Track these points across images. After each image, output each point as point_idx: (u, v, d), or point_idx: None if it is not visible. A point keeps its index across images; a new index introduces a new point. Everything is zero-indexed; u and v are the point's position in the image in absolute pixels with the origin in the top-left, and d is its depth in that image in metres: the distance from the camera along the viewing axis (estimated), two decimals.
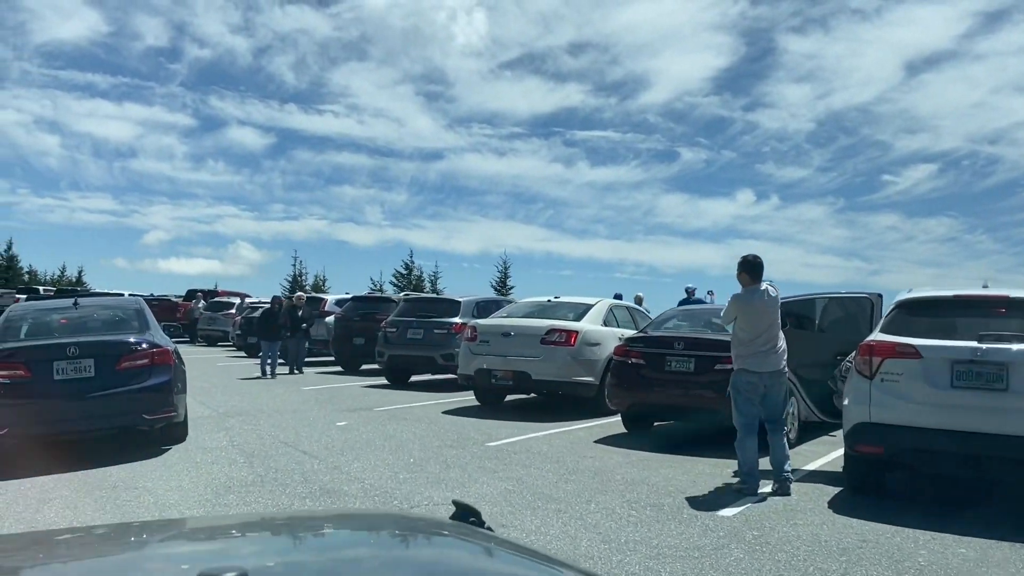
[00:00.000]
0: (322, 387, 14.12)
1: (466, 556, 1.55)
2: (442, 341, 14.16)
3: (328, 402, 12.03)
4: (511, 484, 6.71)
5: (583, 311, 11.44)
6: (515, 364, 10.79)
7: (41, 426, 7.50)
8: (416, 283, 41.53)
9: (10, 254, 59.29)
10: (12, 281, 53.82)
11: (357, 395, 13.05)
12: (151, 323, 8.67)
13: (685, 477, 7.19)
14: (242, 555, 1.57)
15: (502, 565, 1.51)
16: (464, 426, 9.85)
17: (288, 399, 12.27)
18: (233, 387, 13.94)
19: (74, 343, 7.66)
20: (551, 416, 10.75)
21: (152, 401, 7.78)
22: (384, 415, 10.74)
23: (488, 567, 1.49)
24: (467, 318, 14.39)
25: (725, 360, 8.45)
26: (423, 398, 12.79)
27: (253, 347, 22.74)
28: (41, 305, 9.97)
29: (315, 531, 1.83)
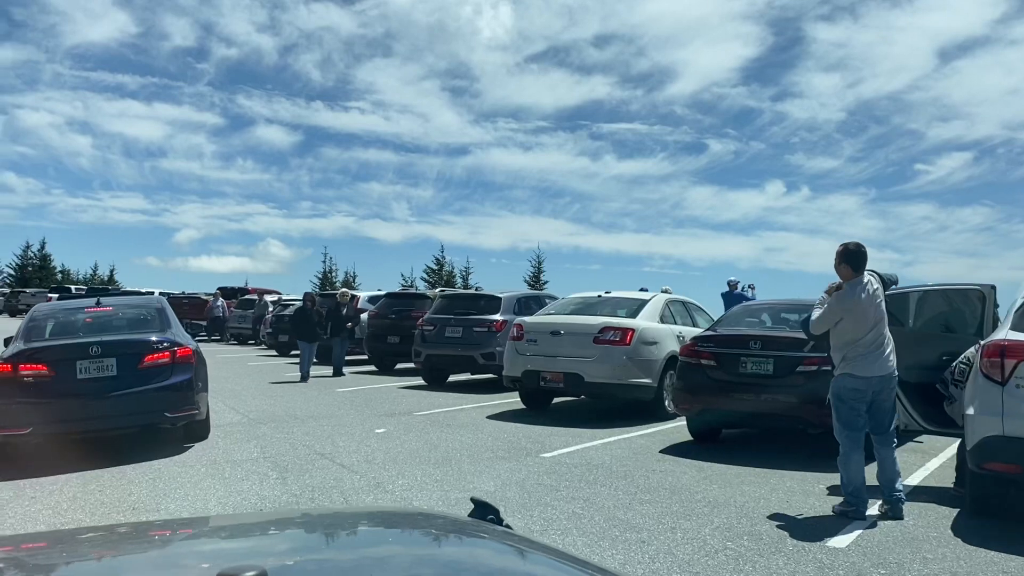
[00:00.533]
0: (357, 389, 13.40)
1: (484, 553, 1.54)
2: (482, 340, 13.37)
3: (364, 406, 11.29)
4: (579, 506, 5.88)
5: (638, 307, 10.56)
6: (566, 365, 9.95)
7: (64, 425, 7.49)
8: (447, 279, 40.87)
9: (43, 253, 59.84)
10: (46, 280, 54.17)
11: (394, 397, 12.30)
12: (172, 322, 8.65)
13: (774, 496, 6.31)
14: (261, 554, 1.56)
15: (522, 563, 1.50)
16: (513, 433, 9.03)
17: (322, 403, 11.56)
18: (264, 389, 13.27)
19: (96, 342, 7.64)
20: (604, 421, 9.91)
21: (174, 399, 7.77)
22: (425, 421, 9.97)
23: (507, 565, 1.49)
24: (508, 315, 13.61)
25: (809, 361, 7.57)
26: (464, 400, 12.01)
27: (285, 346, 22.22)
28: (64, 305, 9.94)
29: (332, 528, 1.82)
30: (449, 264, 42.19)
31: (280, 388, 13.46)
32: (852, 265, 5.77)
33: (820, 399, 7.46)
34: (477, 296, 14.54)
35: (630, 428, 9.46)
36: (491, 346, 13.27)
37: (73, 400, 7.39)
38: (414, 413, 10.60)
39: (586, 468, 7.22)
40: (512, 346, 10.52)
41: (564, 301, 11.46)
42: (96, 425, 7.69)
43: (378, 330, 16.65)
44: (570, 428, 9.40)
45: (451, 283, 40.04)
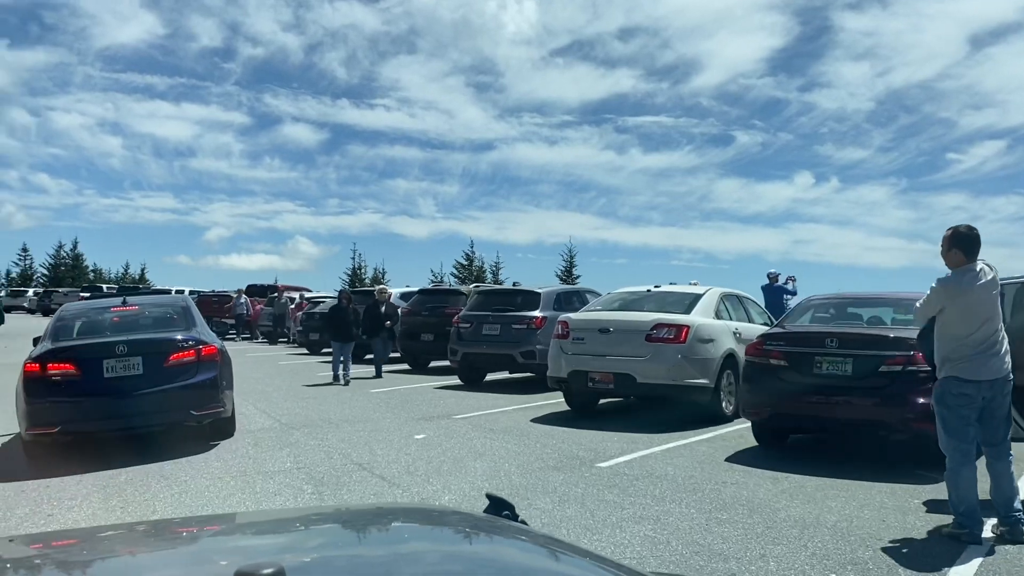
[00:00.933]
0: (391, 389, 12.86)
1: (501, 549, 1.54)
2: (521, 337, 12.76)
3: (401, 408, 10.73)
4: (649, 527, 5.24)
5: (691, 302, 9.86)
6: (616, 365, 9.29)
7: (92, 423, 7.51)
8: (477, 274, 40.32)
9: (76, 253, 60.41)
10: (78, 280, 54.60)
11: (431, 399, 11.73)
12: (197, 320, 8.71)
13: (867, 515, 5.61)
14: (279, 551, 1.55)
15: (540, 559, 1.50)
16: (562, 440, 8.40)
17: (357, 405, 11.01)
18: (296, 391, 12.77)
19: (123, 341, 7.67)
20: (658, 425, 9.24)
21: (199, 397, 7.79)
22: (466, 425, 9.37)
23: (525, 561, 1.48)
24: (548, 311, 12.99)
25: (893, 360, 6.85)
26: (504, 402, 11.40)
27: (316, 344, 21.79)
28: (91, 304, 10.00)
29: (348, 526, 1.82)
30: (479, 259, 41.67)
31: (312, 390, 12.95)
32: (964, 250, 5.06)
33: (906, 402, 6.75)
34: (515, 292, 13.91)
35: (687, 433, 8.78)
36: (531, 344, 12.66)
37: (100, 399, 7.39)
38: (453, 416, 10.01)
39: (649, 480, 6.56)
40: (557, 345, 9.87)
41: (610, 296, 10.79)
42: (123, 423, 7.64)
43: (411, 327, 16.11)
44: (623, 433, 8.75)
45: (481, 278, 39.48)
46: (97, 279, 57.45)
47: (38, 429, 7.33)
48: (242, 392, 12.35)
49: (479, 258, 41.28)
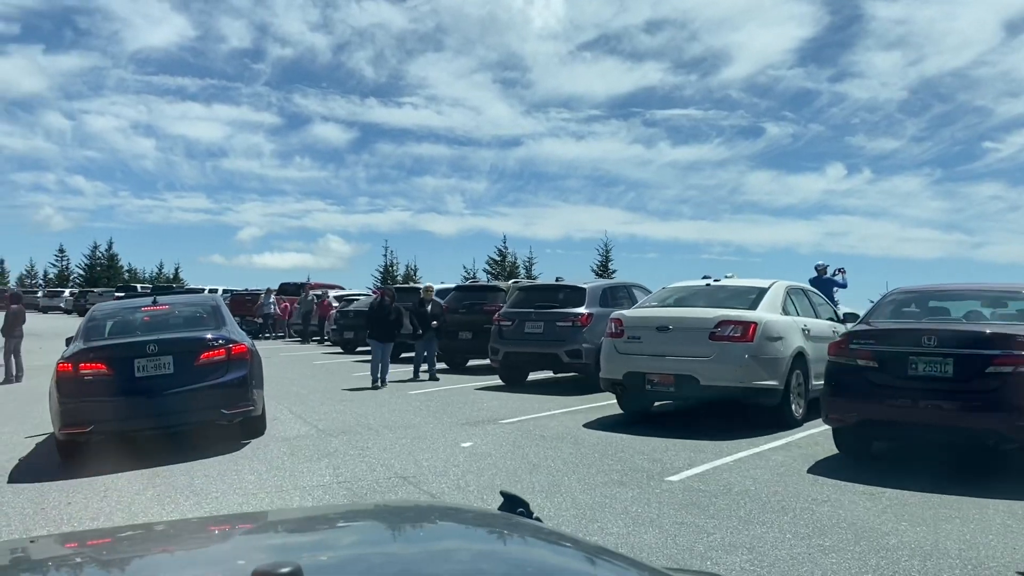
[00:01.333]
0: (431, 391, 12.26)
1: (517, 546, 1.54)
2: (567, 335, 12.08)
3: (443, 411, 10.12)
4: (745, 558, 4.54)
5: (757, 296, 9.11)
6: (677, 366, 8.57)
7: (124, 423, 7.55)
8: (510, 270, 39.69)
9: (111, 253, 60.91)
10: (113, 280, 55.02)
11: (473, 401, 11.10)
12: (227, 319, 8.69)
13: (993, 540, 4.85)
14: (296, 550, 1.56)
15: (557, 556, 1.50)
16: (622, 448, 7.71)
17: (396, 409, 10.43)
18: (332, 394, 12.23)
19: (153, 340, 7.67)
20: (720, 430, 8.53)
21: (230, 396, 7.75)
22: (515, 430, 8.73)
23: (542, 558, 1.49)
24: (594, 307, 12.30)
25: (1003, 360, 6.07)
26: (551, 404, 10.74)
27: (350, 342, 21.32)
28: (122, 304, 10.00)
29: (362, 524, 1.83)
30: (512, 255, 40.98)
31: (350, 392, 12.40)
32: None
33: (1020, 408, 5.98)
34: (559, 288, 13.21)
35: (756, 439, 8.05)
36: (577, 342, 11.99)
37: (132, 398, 7.39)
38: (499, 421, 9.37)
39: (729, 498, 5.85)
40: (611, 344, 9.18)
41: (665, 291, 10.06)
42: (154, 423, 7.68)
43: (449, 325, 15.48)
44: (685, 440, 8.04)
45: (514, 274, 38.84)
46: (132, 279, 57.84)
47: (71, 429, 7.30)
48: (276, 395, 11.85)
49: (512, 254, 40.67)
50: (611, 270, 36.53)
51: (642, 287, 14.03)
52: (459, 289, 16.87)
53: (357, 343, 21.24)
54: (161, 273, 62.20)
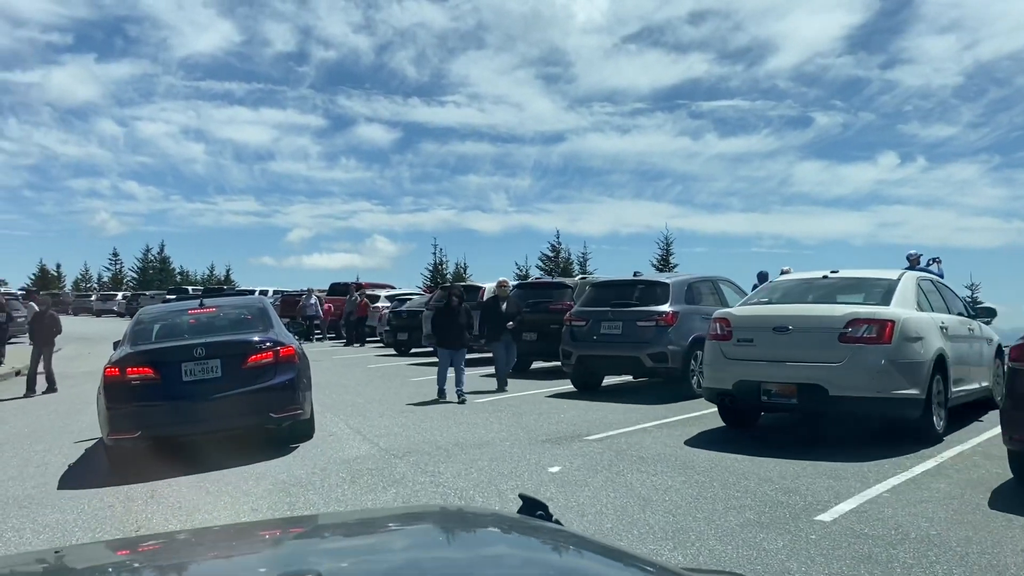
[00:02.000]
0: (498, 399, 11.12)
1: (539, 550, 1.54)
2: (650, 336, 10.84)
3: (517, 425, 8.97)
4: None
5: (887, 289, 7.75)
6: (800, 373, 7.27)
7: (171, 427, 7.46)
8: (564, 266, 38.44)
9: (163, 256, 61.39)
10: (165, 281, 55.36)
11: (548, 412, 9.92)
12: (275, 321, 8.52)
13: None
14: (315, 557, 1.57)
15: (578, 559, 1.49)
16: (743, 474, 6.45)
17: (464, 422, 9.31)
18: (393, 404, 11.17)
19: (201, 344, 7.55)
20: (846, 447, 7.25)
21: (278, 399, 7.63)
22: (605, 450, 7.53)
23: (563, 561, 1.48)
24: (679, 305, 11.04)
25: None
26: (637, 415, 9.50)
27: (403, 343, 20.36)
28: (169, 307, 9.96)
29: (381, 529, 1.82)
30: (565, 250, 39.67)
31: (412, 401, 11.32)
32: None
33: None
34: (638, 283, 11.93)
35: (899, 460, 6.73)
36: (661, 344, 10.73)
37: (179, 403, 7.29)
38: (585, 437, 8.18)
39: (910, 548, 4.56)
40: (716, 349, 7.91)
41: (774, 285, 8.72)
42: (202, 427, 7.63)
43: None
44: (815, 463, 6.74)
45: (568, 270, 37.61)
46: (184, 281, 58.16)
47: (119, 434, 7.25)
48: (332, 405, 10.86)
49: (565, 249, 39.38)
50: (672, 264, 35.02)
51: (730, 281, 12.71)
52: (521, 287, 15.70)
53: (411, 344, 20.30)
54: (212, 275, 62.45)
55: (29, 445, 8.99)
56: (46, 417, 11.10)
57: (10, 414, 11.54)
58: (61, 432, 9.75)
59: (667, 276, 11.78)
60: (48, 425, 10.38)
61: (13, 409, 12.04)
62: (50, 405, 12.31)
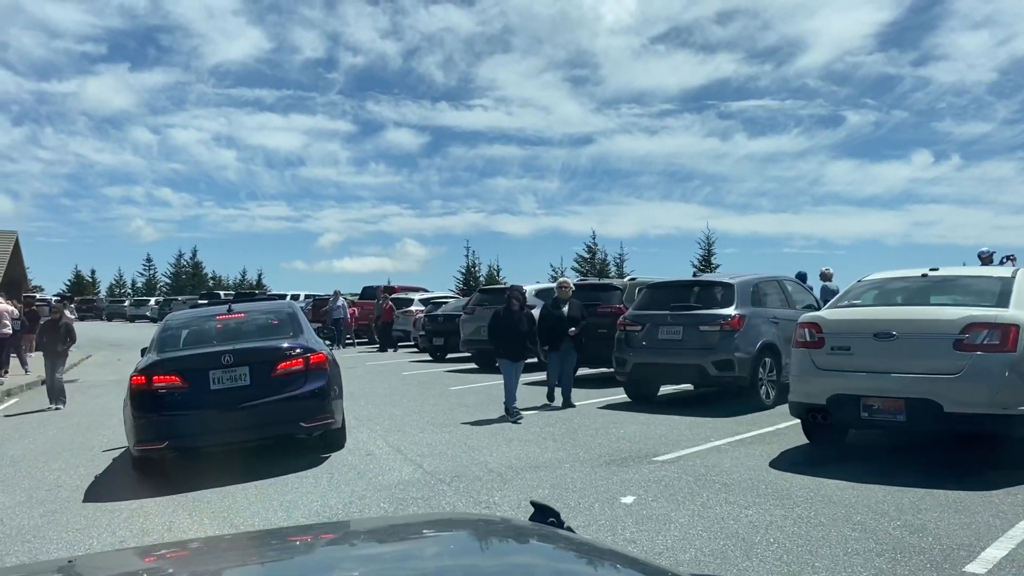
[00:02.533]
0: (549, 414, 10.24)
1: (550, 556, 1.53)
2: (714, 342, 9.89)
3: (573, 443, 8.08)
4: None
5: (1002, 289, 6.70)
6: (908, 386, 6.28)
7: (199, 438, 7.25)
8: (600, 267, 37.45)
9: (195, 261, 61.54)
10: (198, 286, 55.37)
11: (606, 427, 9.02)
12: (304, 327, 8.21)
13: None
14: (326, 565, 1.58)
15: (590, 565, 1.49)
16: (853, 506, 5.49)
17: (515, 439, 8.44)
18: (435, 417, 10.35)
19: (229, 351, 7.32)
20: (963, 471, 6.27)
21: (308, 408, 7.39)
22: (682, 473, 6.62)
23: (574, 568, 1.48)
24: (744, 307, 10.10)
25: None
26: (706, 430, 8.57)
27: (440, 349, 19.58)
28: (196, 313, 9.51)
29: (391, 536, 1.82)
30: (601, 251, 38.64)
31: (451, 412, 10.51)
32: None
33: None
34: (699, 284, 10.98)
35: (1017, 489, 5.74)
36: (727, 351, 9.79)
37: (207, 412, 7.08)
38: (654, 458, 7.27)
39: None
40: (805, 357, 6.95)
41: (864, 286, 7.72)
42: (231, 437, 7.37)
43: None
44: (932, 491, 5.76)
45: (604, 272, 36.62)
46: (216, 286, 58.15)
47: (146, 445, 7.08)
48: (369, 417, 10.08)
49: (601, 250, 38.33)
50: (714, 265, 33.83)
51: (796, 281, 11.74)
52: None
53: (447, 350, 19.51)
54: (244, 279, 62.44)
55: (44, 463, 8.33)
56: (67, 430, 10.47)
57: (31, 428, 10.93)
58: (80, 449, 9.08)
59: (730, 276, 10.80)
60: (67, 440, 9.73)
61: (35, 423, 11.44)
62: (72, 417, 11.69)
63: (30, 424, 11.29)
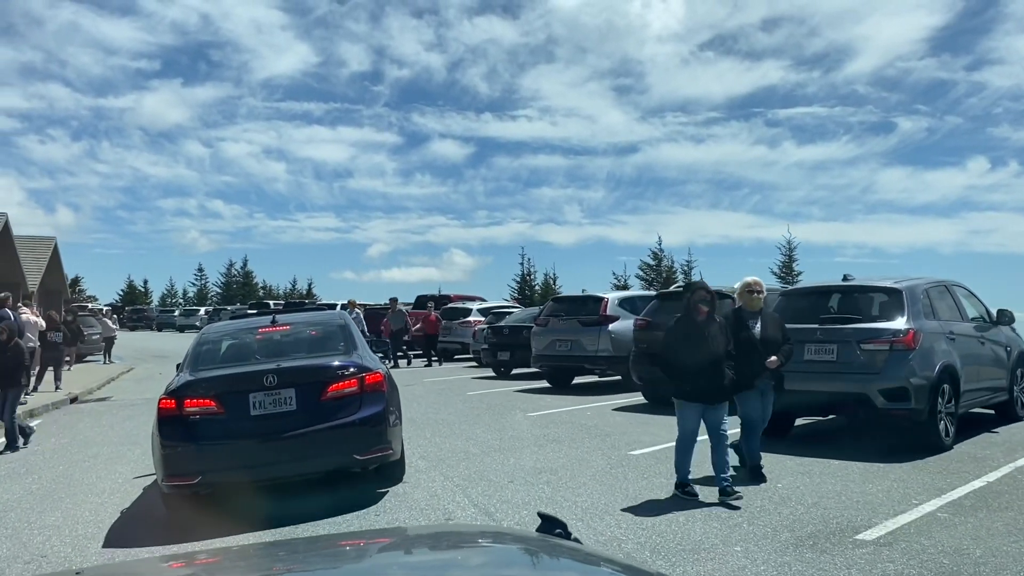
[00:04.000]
0: (658, 448, 8.13)
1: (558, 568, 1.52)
2: (881, 365, 7.70)
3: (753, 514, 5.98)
4: None
5: None
6: None
7: (236, 472, 6.14)
8: (667, 275, 35.12)
9: (246, 270, 61.00)
10: (248, 296, 54.63)
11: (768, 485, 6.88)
12: (358, 341, 7.23)
13: None
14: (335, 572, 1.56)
15: None
16: None
17: (640, 494, 6.37)
18: (520, 455, 8.33)
19: (272, 370, 6.35)
20: None
21: (364, 437, 6.35)
22: (918, 568, 4.46)
23: None
24: (918, 320, 7.88)
25: None
26: (899, 489, 6.36)
27: (505, 364, 17.62)
28: (237, 324, 8.48)
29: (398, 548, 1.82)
30: (668, 258, 36.25)
31: (547, 455, 8.47)
32: None
33: None
34: (855, 289, 8.75)
35: None
36: (898, 376, 7.60)
37: (247, 441, 6.19)
38: (857, 536, 5.11)
39: None
40: None
41: None
42: (273, 472, 6.33)
43: (651, 347, 11.39)
44: None
45: (671, 280, 34.30)
46: (267, 295, 57.48)
47: (176, 480, 6.15)
48: (438, 456, 8.10)
49: (668, 257, 35.92)
50: (796, 273, 31.23)
51: (963, 286, 9.45)
52: (661, 298, 12.55)
53: (513, 365, 17.54)
54: (295, 289, 61.65)
55: (38, 516, 6.59)
56: (81, 465, 8.78)
57: (41, 461, 9.23)
58: (88, 492, 7.36)
59: (896, 280, 8.55)
60: (77, 480, 8.01)
61: (47, 454, 9.76)
62: (91, 447, 9.99)
63: (41, 455, 9.61)
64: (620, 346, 13.35)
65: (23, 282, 21.62)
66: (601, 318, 13.59)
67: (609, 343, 13.34)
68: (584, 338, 13.65)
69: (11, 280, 20.52)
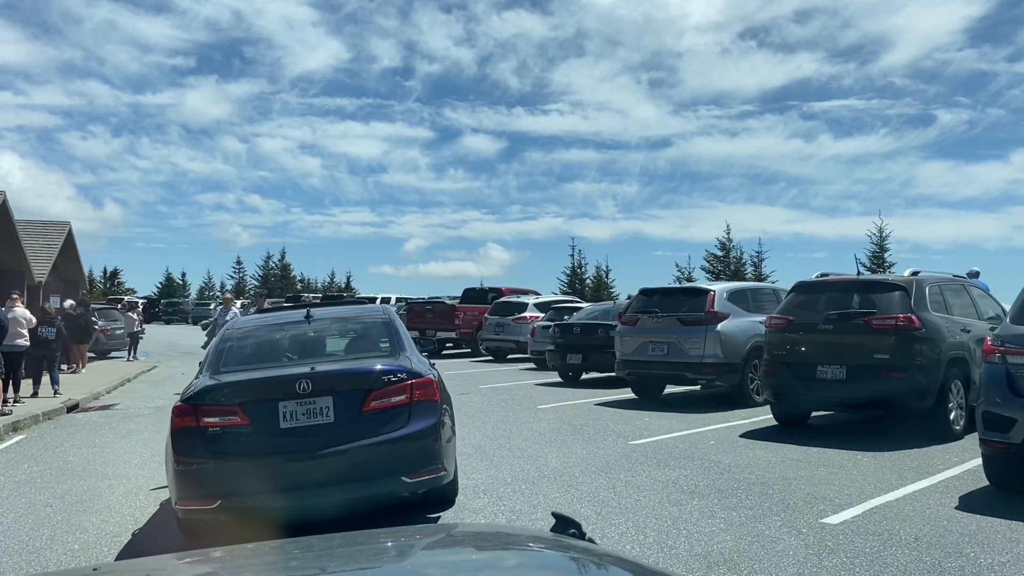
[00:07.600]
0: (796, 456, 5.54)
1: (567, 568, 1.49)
2: None
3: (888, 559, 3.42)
4: None
5: None
6: None
7: (262, 496, 5.17)
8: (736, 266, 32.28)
9: (284, 263, 59.72)
10: (286, 289, 53.17)
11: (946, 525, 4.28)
12: (404, 340, 6.16)
13: None
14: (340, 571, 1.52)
15: None
16: None
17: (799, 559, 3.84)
18: (625, 494, 5.84)
19: (306, 375, 5.38)
20: None
21: (413, 455, 5.40)
22: None
23: None
24: None
25: None
26: None
27: (575, 368, 15.12)
28: (265, 319, 6.99)
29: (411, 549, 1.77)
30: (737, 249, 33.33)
31: (650, 490, 5.96)
32: None
33: None
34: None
35: None
36: None
37: (274, 460, 5.24)
38: None
39: None
40: None
41: None
42: (307, 497, 5.22)
43: (785, 351, 8.79)
44: None
45: (740, 273, 31.49)
46: (305, 288, 56.04)
47: (192, 504, 5.17)
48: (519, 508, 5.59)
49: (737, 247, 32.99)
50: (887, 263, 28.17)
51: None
52: (801, 289, 9.72)
53: (584, 369, 15.08)
54: (333, 282, 60.05)
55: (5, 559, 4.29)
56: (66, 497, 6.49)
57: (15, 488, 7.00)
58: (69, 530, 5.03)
59: None
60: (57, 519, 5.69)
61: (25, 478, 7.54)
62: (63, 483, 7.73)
63: (16, 480, 7.38)
64: (731, 351, 10.79)
65: (28, 271, 19.61)
66: (708, 315, 10.97)
67: (718, 347, 10.74)
68: (685, 340, 11.04)
69: (14, 268, 18.56)
